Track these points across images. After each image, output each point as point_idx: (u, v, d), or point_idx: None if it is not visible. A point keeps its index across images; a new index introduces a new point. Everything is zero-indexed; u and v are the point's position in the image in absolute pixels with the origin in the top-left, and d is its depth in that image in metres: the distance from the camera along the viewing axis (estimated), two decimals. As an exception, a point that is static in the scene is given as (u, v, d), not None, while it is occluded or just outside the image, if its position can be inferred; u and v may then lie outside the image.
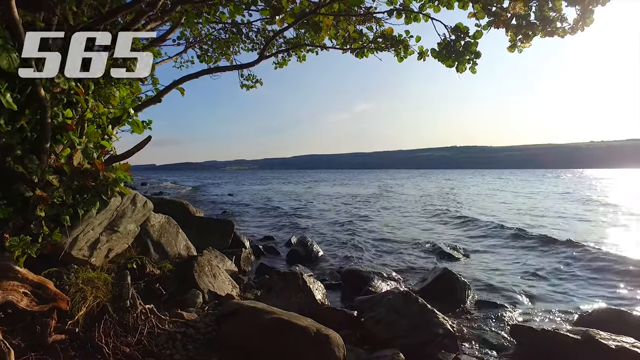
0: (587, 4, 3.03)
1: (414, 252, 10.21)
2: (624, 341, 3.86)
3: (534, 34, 3.37)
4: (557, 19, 3.25)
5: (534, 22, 3.31)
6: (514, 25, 3.38)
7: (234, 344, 3.57)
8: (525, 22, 3.33)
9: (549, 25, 3.26)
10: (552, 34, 3.33)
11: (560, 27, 3.27)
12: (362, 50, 4.72)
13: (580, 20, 3.15)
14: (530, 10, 3.27)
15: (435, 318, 4.18)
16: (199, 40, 7.63)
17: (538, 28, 3.32)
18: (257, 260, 8.76)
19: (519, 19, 3.32)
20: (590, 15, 3.08)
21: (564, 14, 3.23)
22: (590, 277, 7.80)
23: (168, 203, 9.41)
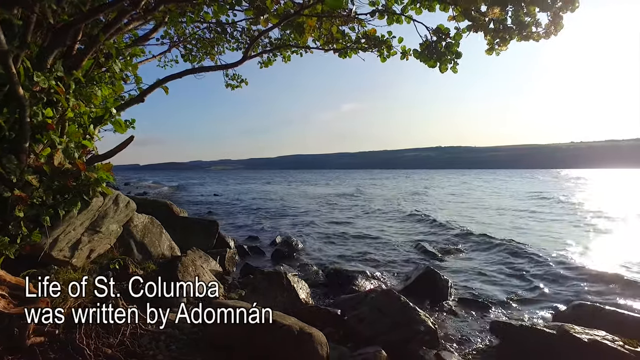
0: (557, 10, 3.16)
1: (398, 252, 10.32)
2: (596, 334, 4.00)
3: (511, 38, 3.49)
4: (532, 24, 3.37)
5: (511, 26, 3.42)
6: (491, 29, 3.49)
7: (218, 344, 3.58)
8: (502, 27, 3.44)
9: (524, 30, 3.39)
10: (527, 38, 3.46)
11: (535, 31, 3.40)
12: (346, 50, 4.78)
13: (551, 26, 3.28)
14: (506, 15, 3.38)
15: (417, 315, 4.26)
16: (183, 40, 7.57)
17: (514, 32, 3.44)
18: (241, 260, 8.74)
19: (497, 23, 3.43)
20: (560, 22, 3.22)
21: (539, 19, 3.35)
22: (565, 275, 8.01)
23: (151, 203, 9.32)
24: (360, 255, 9.76)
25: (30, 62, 3.16)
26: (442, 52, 3.99)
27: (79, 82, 3.59)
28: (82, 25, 3.43)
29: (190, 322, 4.12)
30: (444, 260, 9.23)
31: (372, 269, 7.81)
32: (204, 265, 6.32)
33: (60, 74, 3.25)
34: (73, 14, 3.52)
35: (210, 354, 3.54)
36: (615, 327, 4.53)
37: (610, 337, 3.99)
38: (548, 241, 11.42)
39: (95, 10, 3.34)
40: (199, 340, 3.76)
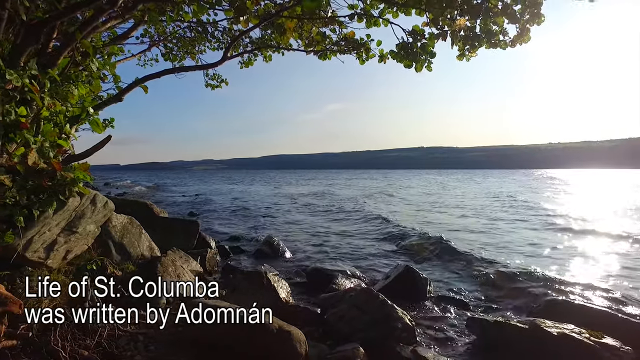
0: (525, 22, 3.31)
1: (379, 251, 10.46)
2: (564, 328, 4.18)
3: (480, 45, 3.63)
4: (500, 33, 3.52)
5: (480, 34, 3.55)
6: (462, 36, 3.62)
7: (196, 343, 3.59)
8: (472, 34, 3.57)
9: (492, 38, 3.53)
10: (495, 46, 3.61)
11: (503, 40, 3.55)
12: (325, 52, 4.84)
13: (519, 37, 3.43)
14: (476, 23, 3.51)
15: (394, 313, 4.35)
16: (164, 39, 7.50)
17: (483, 40, 3.58)
18: (223, 260, 8.71)
19: (467, 30, 3.56)
20: (527, 33, 3.37)
21: (506, 28, 3.50)
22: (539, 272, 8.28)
23: (131, 203, 9.18)
24: (341, 255, 9.85)
25: (3, 59, 3.11)
26: (418, 53, 4.09)
27: (55, 81, 3.54)
28: (57, 23, 3.38)
29: (169, 322, 4.11)
30: (423, 259, 9.40)
31: (352, 268, 7.88)
32: (185, 266, 6.29)
33: (34, 72, 3.20)
34: (48, 11, 3.47)
35: (189, 353, 3.55)
36: (584, 320, 4.73)
37: (577, 329, 4.17)
38: (518, 240, 11.81)
39: (71, 8, 3.30)
40: (178, 340, 3.76)
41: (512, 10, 3.39)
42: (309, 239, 12.29)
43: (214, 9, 5.76)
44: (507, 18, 3.46)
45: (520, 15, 3.41)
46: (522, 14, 3.40)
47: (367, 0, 4.34)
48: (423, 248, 10.53)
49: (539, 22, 3.42)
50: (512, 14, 3.40)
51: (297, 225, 15.70)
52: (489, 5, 3.41)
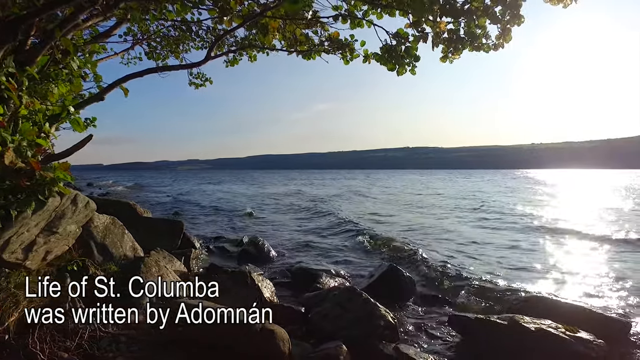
0: (505, 23, 3.40)
1: (362, 251, 10.55)
2: (542, 323, 4.31)
3: (463, 48, 3.71)
4: (482, 36, 3.60)
5: (463, 37, 3.63)
6: (445, 39, 3.69)
7: (180, 342, 3.58)
8: (455, 37, 3.64)
9: (475, 41, 3.61)
10: (478, 49, 3.70)
11: (485, 43, 3.63)
12: (309, 52, 4.86)
13: (500, 37, 3.51)
14: (459, 26, 3.58)
15: (377, 311, 4.40)
16: (147, 37, 7.41)
17: (467, 43, 3.66)
18: (207, 260, 8.67)
19: (450, 33, 3.64)
20: (508, 33, 3.47)
21: (488, 31, 3.59)
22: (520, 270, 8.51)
23: (114, 204, 9.07)
24: (325, 254, 9.91)
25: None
26: (401, 56, 4.14)
27: (33, 79, 3.49)
28: (35, 20, 3.33)
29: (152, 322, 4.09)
30: (406, 258, 9.51)
31: (336, 267, 7.94)
32: (168, 266, 6.24)
33: (11, 70, 3.14)
34: (26, 7, 3.42)
35: (172, 352, 3.54)
36: (562, 316, 4.87)
37: (554, 325, 4.30)
38: (496, 238, 12.07)
39: (50, 5, 3.25)
40: (161, 340, 3.74)
41: (493, 11, 3.48)
42: (293, 238, 12.32)
43: (197, 8, 5.74)
44: (489, 18, 3.54)
45: (502, 16, 3.50)
46: (503, 14, 3.49)
47: (350, 1, 4.38)
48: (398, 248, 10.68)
49: (519, 22, 3.52)
50: (494, 14, 3.49)
51: (282, 225, 15.73)
52: (471, 7, 3.48)
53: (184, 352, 3.54)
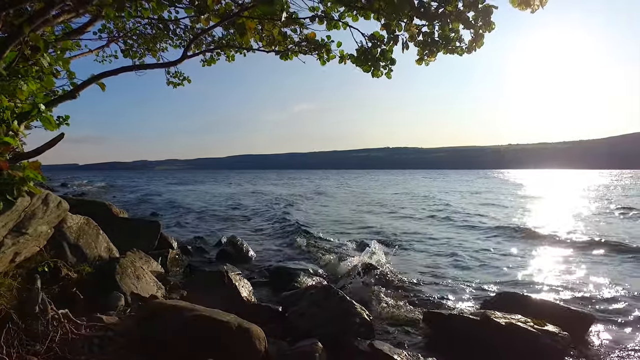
0: (478, 28, 3.52)
1: (341, 249, 10.67)
2: (512, 318, 4.47)
3: (438, 50, 3.82)
4: (456, 39, 3.71)
5: (438, 40, 3.73)
6: (420, 42, 3.79)
7: (155, 343, 3.56)
8: (430, 40, 3.74)
9: (449, 44, 3.72)
10: (452, 52, 3.81)
11: (459, 46, 3.75)
12: (287, 53, 4.89)
13: (473, 42, 3.63)
14: (434, 29, 3.68)
15: (353, 309, 4.47)
16: (123, 35, 7.27)
17: (441, 45, 3.76)
18: (185, 260, 8.58)
19: (426, 36, 3.74)
20: (481, 39, 3.60)
21: (462, 35, 3.70)
22: (495, 265, 8.77)
23: (89, 204, 8.91)
24: (304, 254, 9.97)
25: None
26: (377, 58, 4.21)
27: (0, 76, 3.40)
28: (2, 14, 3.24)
29: (127, 324, 4.04)
30: (389, 254, 9.65)
31: (314, 266, 8.00)
32: (145, 267, 6.16)
33: (-23, 66, 3.06)
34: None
35: (146, 353, 3.51)
36: (532, 310, 5.07)
37: (523, 319, 4.47)
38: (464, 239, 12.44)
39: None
40: (135, 341, 3.70)
41: (466, 16, 3.58)
42: (272, 238, 12.35)
43: (174, 6, 5.67)
44: (462, 23, 3.65)
45: (474, 22, 3.61)
46: (475, 20, 3.60)
47: (327, 3, 4.43)
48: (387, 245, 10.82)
49: (489, 29, 3.64)
50: (467, 19, 3.59)
51: (261, 224, 15.71)
52: (446, 11, 3.58)
53: (160, 352, 3.52)
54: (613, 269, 8.21)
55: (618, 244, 10.58)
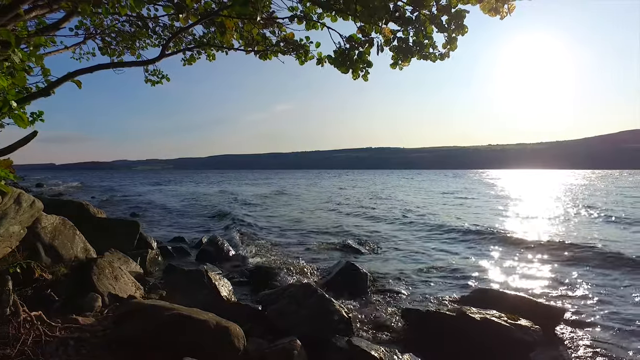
0: (451, 32, 3.61)
1: (322, 248, 10.72)
2: (487, 313, 4.59)
3: (412, 56, 3.88)
4: (429, 46, 3.80)
5: (412, 45, 3.81)
6: (395, 47, 3.86)
7: (133, 342, 3.52)
8: (405, 45, 3.81)
9: (423, 50, 3.80)
10: (426, 58, 3.89)
11: (432, 52, 3.84)
12: (266, 52, 4.89)
13: (447, 45, 3.72)
14: (409, 35, 3.76)
15: (331, 306, 4.51)
16: (101, 32, 7.14)
17: (415, 51, 3.83)
18: (165, 261, 8.49)
19: (400, 42, 3.81)
20: (454, 42, 3.69)
21: (435, 41, 3.79)
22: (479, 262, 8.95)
23: (65, 204, 8.72)
24: (285, 252, 10.01)
25: None
26: (355, 60, 4.26)
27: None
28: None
29: (104, 324, 4.00)
30: (367, 254, 9.77)
31: (296, 265, 8.03)
32: (123, 267, 6.09)
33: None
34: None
35: (123, 353, 3.47)
36: (507, 306, 5.22)
37: (498, 314, 4.60)
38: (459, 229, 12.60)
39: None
40: (112, 341, 3.66)
41: (440, 20, 3.67)
42: (254, 238, 12.36)
43: (153, 4, 5.60)
44: (436, 27, 3.74)
45: (447, 25, 3.70)
46: (449, 24, 3.69)
47: (306, 3, 4.45)
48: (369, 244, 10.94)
49: (462, 32, 3.74)
50: (440, 23, 3.68)
51: (242, 224, 15.68)
52: (420, 15, 3.66)
53: (137, 352, 3.49)
54: (582, 268, 8.45)
55: (585, 244, 10.87)
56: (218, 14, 4.24)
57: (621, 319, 5.53)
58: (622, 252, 9.56)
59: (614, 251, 9.68)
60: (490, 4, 3.39)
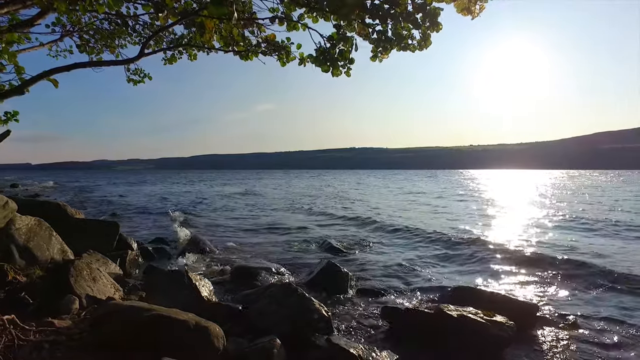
0: (426, 29, 3.71)
1: (305, 248, 10.78)
2: (463, 310, 4.71)
3: (392, 47, 3.97)
4: (408, 37, 3.89)
5: (391, 37, 3.89)
6: (374, 39, 3.94)
7: (111, 344, 3.50)
8: (384, 37, 3.89)
9: (402, 42, 3.89)
10: (405, 49, 3.98)
11: (411, 43, 3.92)
12: (246, 53, 4.90)
13: (422, 42, 3.83)
14: (387, 27, 3.84)
15: (312, 305, 4.55)
16: (79, 29, 7.00)
17: (394, 43, 3.91)
18: (145, 262, 8.39)
19: (379, 34, 3.89)
20: (428, 38, 3.80)
21: (413, 33, 3.88)
22: (456, 261, 9.12)
23: (41, 204, 8.54)
24: (267, 253, 10.01)
25: None
26: (336, 58, 4.31)
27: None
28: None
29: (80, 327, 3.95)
30: (348, 254, 9.85)
31: (277, 265, 8.05)
32: (102, 269, 6.00)
33: None
34: None
35: (100, 354, 3.44)
36: (484, 303, 5.34)
37: (474, 311, 4.72)
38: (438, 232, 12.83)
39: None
40: (90, 343, 3.62)
41: (415, 17, 3.76)
42: (236, 237, 12.33)
43: (133, 3, 5.54)
44: (411, 24, 3.82)
45: (422, 22, 3.79)
46: (423, 21, 3.78)
47: (289, 4, 4.48)
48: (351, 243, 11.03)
49: (437, 29, 3.84)
50: (415, 20, 3.77)
51: (223, 224, 15.63)
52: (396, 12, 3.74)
53: (116, 353, 3.46)
54: (552, 266, 8.59)
55: (555, 243, 11.19)
56: (198, 14, 4.23)
57: (594, 314, 5.73)
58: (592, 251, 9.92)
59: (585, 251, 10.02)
60: (464, 4, 3.51)
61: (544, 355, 4.54)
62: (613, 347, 4.75)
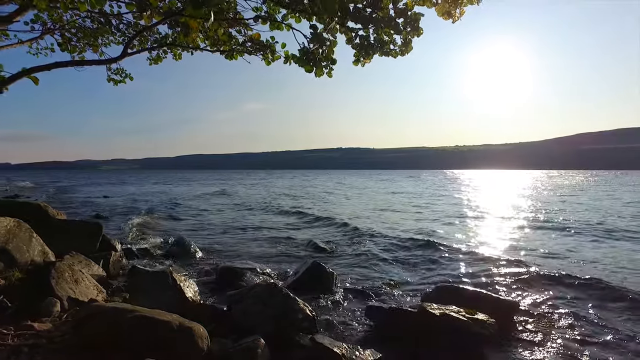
0: (407, 34, 3.78)
1: (290, 248, 10.80)
2: (446, 309, 4.79)
3: (374, 53, 4.03)
4: (390, 43, 3.95)
5: (373, 42, 3.95)
6: (357, 44, 3.99)
7: (94, 346, 3.46)
8: (366, 43, 3.95)
9: (384, 47, 3.95)
10: (387, 54, 4.05)
11: (393, 49, 3.99)
12: (232, 52, 4.91)
13: (403, 47, 3.89)
14: (369, 33, 3.89)
15: (296, 305, 4.58)
16: (60, 27, 6.88)
17: (377, 48, 3.98)
18: (129, 263, 8.30)
19: (362, 39, 3.94)
20: (409, 43, 3.87)
21: (395, 39, 3.95)
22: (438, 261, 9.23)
23: (21, 205, 8.35)
24: (252, 253, 10.01)
25: None
26: (319, 59, 4.36)
27: None
28: None
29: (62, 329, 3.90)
30: (333, 254, 9.91)
31: (263, 265, 8.05)
32: (84, 270, 5.92)
33: None
34: None
35: (83, 356, 3.41)
36: (466, 301, 5.42)
37: (457, 309, 4.81)
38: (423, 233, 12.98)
39: None
40: (71, 346, 3.58)
41: (397, 22, 3.82)
42: (221, 238, 12.31)
43: (116, 1, 5.48)
44: (393, 29, 3.89)
45: (403, 28, 3.85)
46: (404, 26, 3.85)
47: (270, 4, 4.51)
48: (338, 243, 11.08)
49: (418, 34, 3.92)
50: (397, 25, 3.83)
51: (208, 225, 15.55)
52: (378, 16, 3.79)
53: (98, 355, 3.43)
54: (534, 266, 8.77)
55: (531, 244, 11.42)
56: (182, 13, 4.22)
57: (572, 311, 5.87)
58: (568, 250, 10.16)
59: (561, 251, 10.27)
60: (445, 8, 3.59)
61: (524, 351, 4.64)
62: (590, 343, 4.88)
